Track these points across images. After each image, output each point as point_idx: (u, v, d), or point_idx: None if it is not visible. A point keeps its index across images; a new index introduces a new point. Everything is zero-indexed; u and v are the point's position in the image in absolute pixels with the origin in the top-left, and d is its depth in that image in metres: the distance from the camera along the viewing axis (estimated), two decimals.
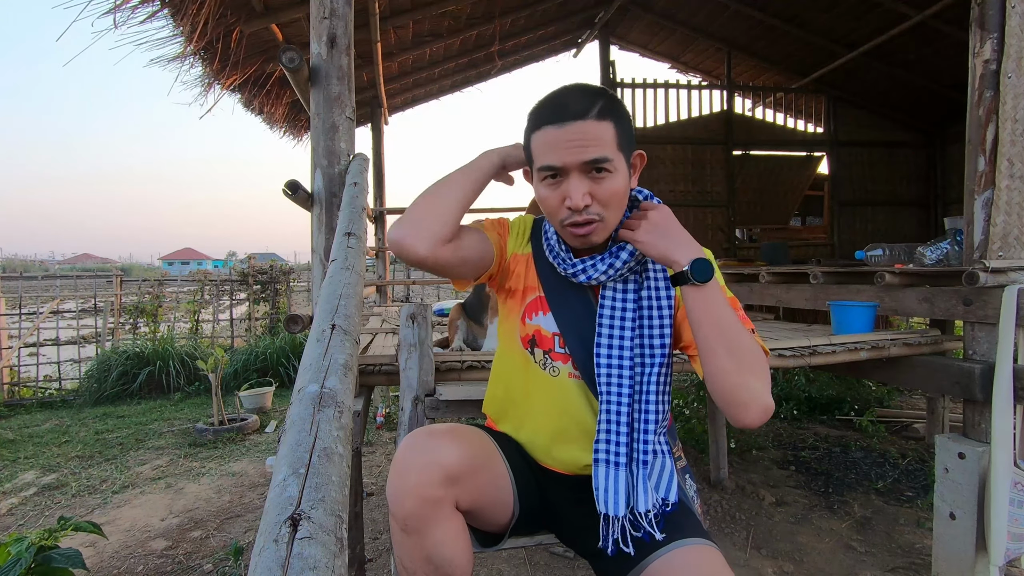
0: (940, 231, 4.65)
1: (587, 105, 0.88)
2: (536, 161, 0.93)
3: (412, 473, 0.86)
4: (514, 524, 1.04)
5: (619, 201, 0.93)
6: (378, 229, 4.97)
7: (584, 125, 0.87)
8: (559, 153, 0.88)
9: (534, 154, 0.94)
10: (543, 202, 0.95)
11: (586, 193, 0.89)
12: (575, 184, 0.89)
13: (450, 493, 0.88)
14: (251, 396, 4.34)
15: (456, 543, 0.89)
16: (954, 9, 3.95)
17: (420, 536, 0.86)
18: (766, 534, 2.29)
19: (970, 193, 1.91)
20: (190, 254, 72.87)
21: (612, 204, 0.92)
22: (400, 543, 0.89)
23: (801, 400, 4.09)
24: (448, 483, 0.87)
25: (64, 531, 1.42)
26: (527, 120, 0.96)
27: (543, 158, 0.91)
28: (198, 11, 2.59)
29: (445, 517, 0.88)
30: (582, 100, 0.89)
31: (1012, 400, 1.67)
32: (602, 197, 0.90)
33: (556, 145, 0.89)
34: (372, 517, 2.50)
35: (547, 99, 0.94)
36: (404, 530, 0.87)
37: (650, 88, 5.42)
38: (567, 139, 0.88)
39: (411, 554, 0.88)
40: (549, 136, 0.89)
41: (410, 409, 1.33)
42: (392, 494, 0.87)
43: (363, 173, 1.63)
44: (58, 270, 38.14)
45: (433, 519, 0.86)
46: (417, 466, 0.87)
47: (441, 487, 0.87)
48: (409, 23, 4.11)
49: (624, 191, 0.93)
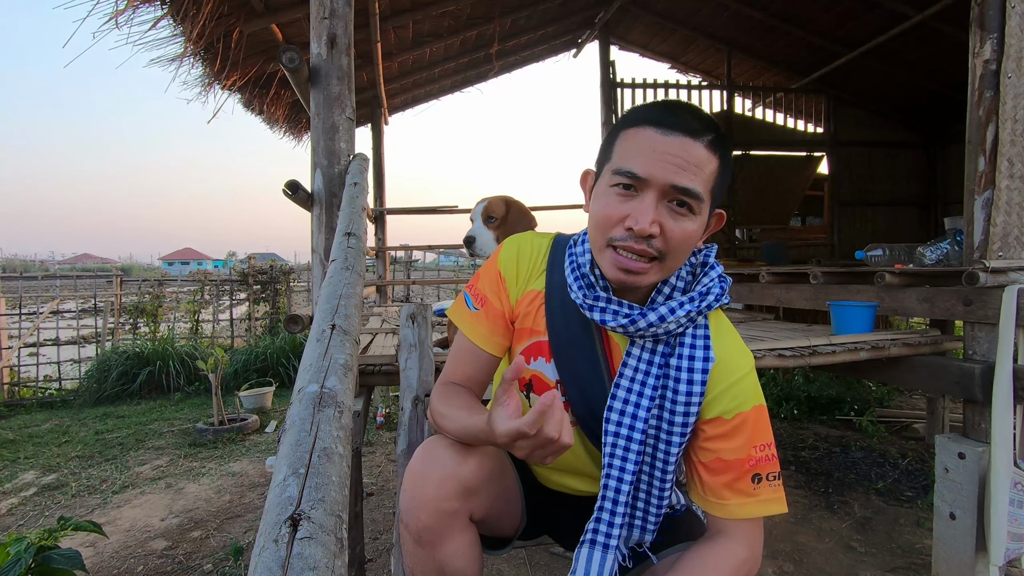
0: (940, 231, 4.66)
1: (703, 127, 0.75)
2: (614, 161, 0.78)
3: (430, 486, 0.83)
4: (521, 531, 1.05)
5: (686, 248, 0.79)
6: (378, 229, 4.97)
7: (692, 145, 0.74)
8: (650, 162, 0.74)
9: (616, 152, 0.79)
10: (599, 213, 0.79)
11: (656, 221, 0.75)
12: (648, 205, 0.75)
13: (466, 506, 0.86)
14: (251, 396, 4.33)
15: (468, 555, 0.88)
16: (954, 9, 3.94)
17: (434, 548, 0.85)
18: (766, 534, 2.28)
19: (970, 193, 1.91)
20: (190, 254, 72.85)
21: (679, 248, 0.77)
22: (412, 553, 0.87)
23: (801, 400, 4.09)
24: (465, 496, 0.85)
25: (64, 531, 1.42)
26: (624, 115, 0.82)
27: (626, 160, 0.76)
28: (198, 11, 2.59)
29: (460, 530, 0.86)
30: (699, 120, 0.76)
31: (1012, 400, 1.67)
32: (672, 235, 0.76)
33: (650, 152, 0.74)
34: (372, 517, 2.49)
35: (658, 102, 0.81)
36: (418, 542, 0.85)
37: (650, 88, 5.42)
38: (667, 151, 0.74)
39: (424, 566, 0.87)
40: (646, 138, 0.75)
41: (410, 409, 1.32)
42: (407, 505, 0.85)
43: (363, 173, 1.63)
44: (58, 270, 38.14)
45: (448, 532, 0.85)
46: (435, 479, 0.84)
47: (458, 500, 0.84)
48: (409, 23, 4.11)
49: (696, 239, 0.79)
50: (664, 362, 0.84)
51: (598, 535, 0.85)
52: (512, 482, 1.01)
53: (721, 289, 0.85)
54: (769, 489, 0.81)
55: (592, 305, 0.84)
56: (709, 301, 0.83)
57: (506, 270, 0.96)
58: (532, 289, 0.94)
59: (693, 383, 0.82)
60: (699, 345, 0.84)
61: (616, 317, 0.82)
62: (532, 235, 0.99)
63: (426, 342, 1.45)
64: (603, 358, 0.89)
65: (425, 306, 1.48)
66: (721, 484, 0.82)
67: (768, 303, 2.97)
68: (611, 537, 0.85)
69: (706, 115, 0.79)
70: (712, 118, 0.80)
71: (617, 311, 0.82)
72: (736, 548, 0.81)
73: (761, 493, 0.81)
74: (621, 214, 0.77)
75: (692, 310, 0.82)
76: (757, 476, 0.81)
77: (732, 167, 0.83)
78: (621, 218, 0.77)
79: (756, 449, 0.82)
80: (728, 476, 0.82)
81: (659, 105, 0.79)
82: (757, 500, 0.81)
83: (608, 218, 0.78)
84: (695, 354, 0.83)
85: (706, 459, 0.83)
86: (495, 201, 1.87)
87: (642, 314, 0.81)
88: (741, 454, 0.81)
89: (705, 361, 0.83)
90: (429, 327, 1.47)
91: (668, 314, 0.81)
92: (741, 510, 0.81)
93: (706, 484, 0.83)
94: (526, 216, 1.90)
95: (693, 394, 0.82)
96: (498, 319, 0.94)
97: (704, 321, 0.86)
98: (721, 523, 0.83)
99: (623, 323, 0.81)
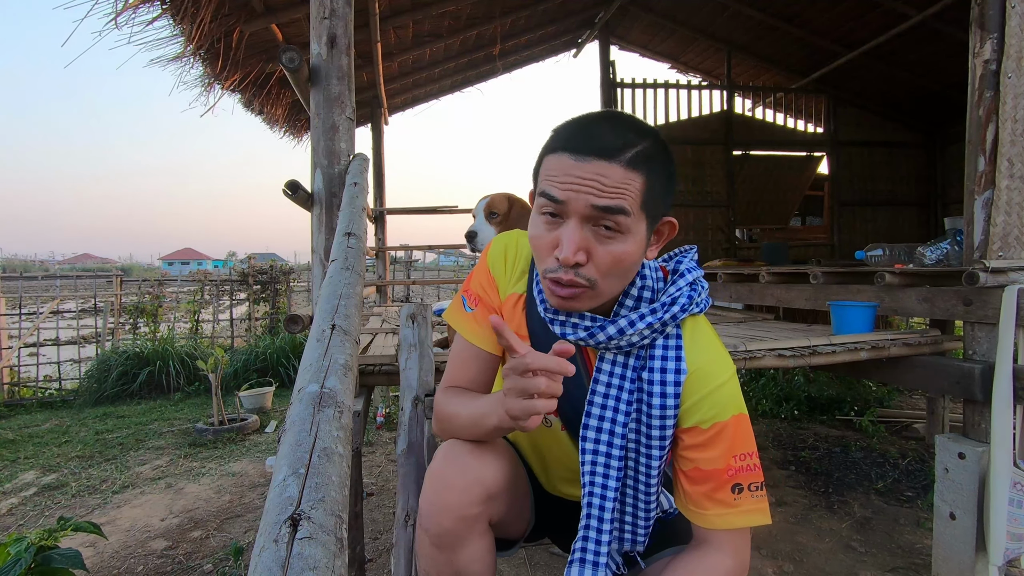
0: (940, 231, 4.65)
1: (619, 145, 0.72)
2: (539, 185, 0.77)
3: (454, 491, 0.83)
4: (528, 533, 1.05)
5: (622, 270, 0.76)
6: (378, 229, 4.97)
7: (607, 167, 0.71)
8: (565, 187, 0.72)
9: (539, 176, 0.78)
10: (532, 240, 0.78)
11: (581, 249, 0.73)
12: (571, 232, 0.72)
13: (486, 510, 0.86)
14: (251, 396, 4.34)
15: (485, 559, 0.87)
16: (954, 9, 3.95)
17: (453, 552, 0.84)
18: (766, 534, 2.28)
19: (970, 193, 1.91)
20: (190, 254, 72.86)
21: (612, 272, 0.75)
22: (430, 557, 0.87)
23: (801, 400, 4.09)
24: (487, 501, 0.85)
25: (64, 531, 1.42)
26: (548, 138, 0.79)
27: (545, 184, 0.75)
28: (198, 11, 2.59)
29: (479, 535, 0.86)
30: (616, 136, 0.72)
31: (1012, 400, 1.67)
32: (601, 260, 0.74)
33: (565, 177, 0.72)
34: (372, 517, 2.49)
35: (576, 120, 0.77)
36: (437, 546, 0.85)
37: (650, 88, 5.42)
38: (581, 176, 0.71)
39: (441, 569, 0.86)
40: (562, 164, 0.73)
41: (410, 409, 1.32)
42: (428, 510, 0.84)
43: (363, 173, 1.63)
44: (58, 270, 38.14)
45: (468, 537, 0.85)
46: (459, 485, 0.83)
47: (480, 505, 0.84)
48: (409, 23, 4.11)
49: (633, 259, 0.76)
50: (636, 375, 0.83)
51: (587, 553, 0.84)
52: (525, 485, 1.01)
53: (689, 298, 0.82)
54: (751, 500, 0.79)
55: (553, 319, 0.83)
56: (674, 311, 0.80)
57: (494, 268, 0.95)
58: (514, 292, 0.93)
59: (666, 396, 0.81)
60: (671, 356, 0.82)
61: (576, 330, 0.81)
62: (519, 234, 0.98)
63: (426, 342, 1.45)
64: (583, 368, 0.89)
65: (425, 306, 1.48)
66: (701, 494, 0.80)
67: (768, 303, 2.98)
68: (599, 555, 0.84)
69: (628, 128, 0.74)
70: (637, 129, 0.75)
71: (577, 324, 0.81)
72: (722, 558, 0.80)
73: (742, 504, 0.79)
74: (549, 242, 0.75)
75: (654, 321, 0.79)
76: (738, 486, 0.79)
77: (672, 173, 0.78)
78: (551, 246, 0.75)
79: (736, 459, 0.80)
80: (707, 486, 0.80)
81: (575, 125, 0.76)
82: (738, 511, 0.79)
83: (539, 247, 0.77)
84: (667, 366, 0.81)
85: (686, 468, 0.82)
86: (498, 198, 1.87)
87: (601, 327, 0.80)
88: (719, 464, 0.79)
89: (677, 373, 0.81)
90: (429, 327, 1.47)
91: (627, 327, 0.79)
92: (721, 520, 0.79)
93: (687, 493, 0.82)
94: (528, 213, 1.90)
95: (667, 407, 0.81)
96: (487, 319, 0.94)
97: (676, 331, 0.83)
98: (705, 532, 0.82)
99: (582, 336, 0.80)
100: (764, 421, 3.88)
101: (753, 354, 1.83)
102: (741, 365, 1.82)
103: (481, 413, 0.83)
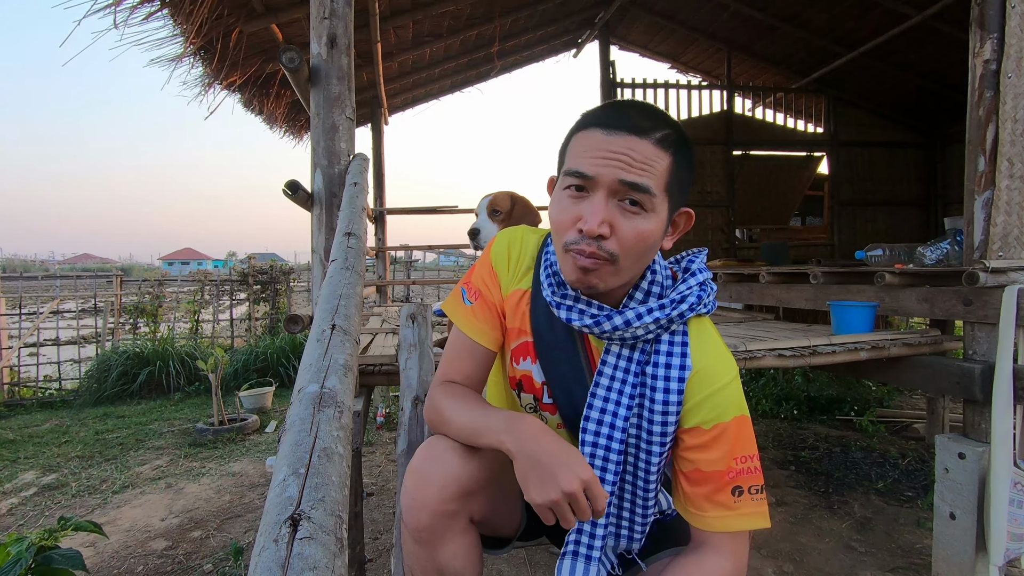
0: (940, 231, 4.65)
1: (650, 125, 0.74)
2: (566, 164, 0.78)
3: (432, 486, 0.83)
4: (520, 532, 1.05)
5: (643, 249, 0.76)
6: (378, 229, 4.97)
7: (637, 142, 0.73)
8: (596, 161, 0.73)
9: (568, 156, 0.79)
10: (554, 216, 0.80)
11: (605, 221, 0.73)
12: (597, 204, 0.74)
13: (466, 507, 0.86)
14: (251, 396, 4.33)
15: (468, 556, 0.87)
16: (954, 9, 3.94)
17: (433, 549, 0.85)
18: (766, 534, 2.28)
19: (970, 193, 1.91)
20: (190, 254, 72.83)
21: (633, 249, 0.75)
22: (412, 553, 0.87)
23: (801, 400, 4.09)
24: (465, 497, 0.85)
25: (64, 531, 1.42)
26: (576, 120, 0.81)
27: (575, 161, 0.76)
28: (197, 11, 2.59)
29: (460, 531, 0.86)
30: (647, 118, 0.75)
31: (1012, 400, 1.67)
32: (625, 235, 0.74)
33: (596, 152, 0.74)
34: (372, 517, 2.49)
35: (608, 103, 0.80)
36: (418, 542, 0.85)
37: (650, 88, 5.43)
38: (611, 150, 0.73)
39: (423, 565, 0.87)
40: (592, 140, 0.75)
41: (410, 409, 1.32)
42: (408, 505, 0.84)
43: (363, 173, 1.63)
44: (58, 270, 38.14)
45: (448, 533, 0.84)
46: (437, 480, 0.83)
47: (458, 501, 0.84)
48: (409, 23, 4.11)
49: (654, 238, 0.77)
50: (640, 370, 0.83)
51: (580, 546, 0.84)
52: (512, 483, 1.01)
53: (698, 298, 0.82)
54: (751, 503, 0.79)
55: (560, 303, 0.83)
56: (682, 309, 0.81)
57: (497, 264, 0.95)
58: (519, 288, 0.93)
59: (669, 392, 0.81)
60: (676, 353, 0.82)
61: (582, 316, 0.81)
62: (524, 230, 0.97)
63: (426, 342, 1.45)
64: (586, 363, 0.88)
65: (425, 306, 1.48)
66: (701, 495, 0.80)
67: (768, 303, 2.97)
68: (593, 548, 0.84)
69: (657, 113, 0.77)
70: (665, 116, 0.78)
71: (584, 310, 0.81)
72: (720, 561, 0.79)
73: (742, 507, 0.79)
74: (573, 216, 0.76)
75: (662, 317, 0.80)
76: (738, 489, 0.79)
77: (693, 165, 0.80)
78: (573, 220, 0.76)
79: (737, 461, 0.79)
80: (707, 488, 0.80)
81: (606, 106, 0.79)
82: (737, 514, 0.79)
83: (562, 221, 0.78)
84: (671, 362, 0.81)
85: (686, 469, 0.82)
86: (501, 196, 1.88)
87: (608, 316, 0.80)
88: (720, 466, 0.79)
89: (681, 369, 0.81)
90: (429, 327, 1.47)
91: (635, 319, 0.79)
92: (720, 523, 0.79)
93: (687, 495, 0.82)
94: (531, 212, 1.90)
95: (670, 403, 0.81)
96: (492, 313, 0.93)
97: (683, 328, 0.84)
98: (704, 534, 0.81)
99: (588, 323, 0.81)
100: (764, 421, 3.88)
101: (753, 354, 1.83)
102: (741, 365, 1.82)
103: (476, 430, 0.82)
